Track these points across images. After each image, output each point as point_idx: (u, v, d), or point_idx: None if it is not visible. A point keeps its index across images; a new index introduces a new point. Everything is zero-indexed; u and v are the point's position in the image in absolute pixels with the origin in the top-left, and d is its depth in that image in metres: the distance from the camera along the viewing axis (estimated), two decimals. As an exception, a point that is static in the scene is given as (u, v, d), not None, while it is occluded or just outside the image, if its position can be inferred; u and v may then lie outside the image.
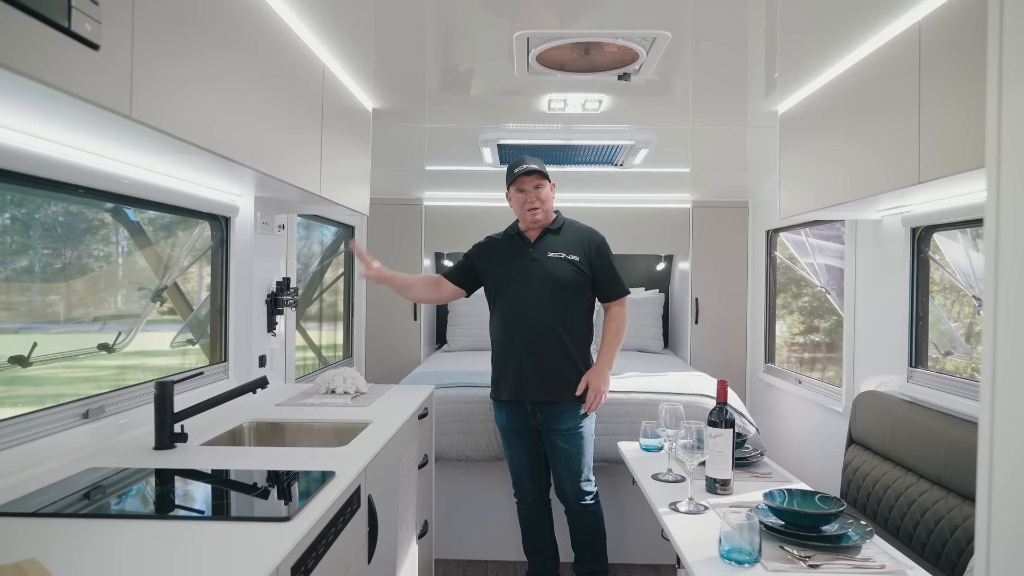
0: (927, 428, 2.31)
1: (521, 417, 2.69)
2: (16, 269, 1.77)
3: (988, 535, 0.66)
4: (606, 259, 2.69)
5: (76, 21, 1.00)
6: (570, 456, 2.66)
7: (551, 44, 2.15)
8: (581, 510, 2.71)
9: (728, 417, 1.94)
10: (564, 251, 2.65)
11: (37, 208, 1.78)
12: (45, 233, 1.86)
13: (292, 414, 2.25)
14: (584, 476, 2.69)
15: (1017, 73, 0.63)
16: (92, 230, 2.09)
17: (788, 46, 2.27)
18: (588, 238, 2.69)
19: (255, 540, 1.16)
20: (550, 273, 2.62)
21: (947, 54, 1.78)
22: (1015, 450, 0.62)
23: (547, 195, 2.66)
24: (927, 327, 2.63)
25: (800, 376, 3.72)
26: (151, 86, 1.25)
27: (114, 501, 1.37)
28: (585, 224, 2.77)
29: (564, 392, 2.62)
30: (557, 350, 2.60)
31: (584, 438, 2.67)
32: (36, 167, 1.48)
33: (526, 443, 2.74)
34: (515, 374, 2.64)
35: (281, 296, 2.76)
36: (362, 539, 1.66)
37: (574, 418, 2.64)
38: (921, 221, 2.53)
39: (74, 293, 2.04)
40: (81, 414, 1.71)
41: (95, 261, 2.12)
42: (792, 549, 1.56)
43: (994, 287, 0.67)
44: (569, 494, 2.70)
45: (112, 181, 1.74)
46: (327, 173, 2.45)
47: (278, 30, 1.97)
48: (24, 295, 1.80)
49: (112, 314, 2.19)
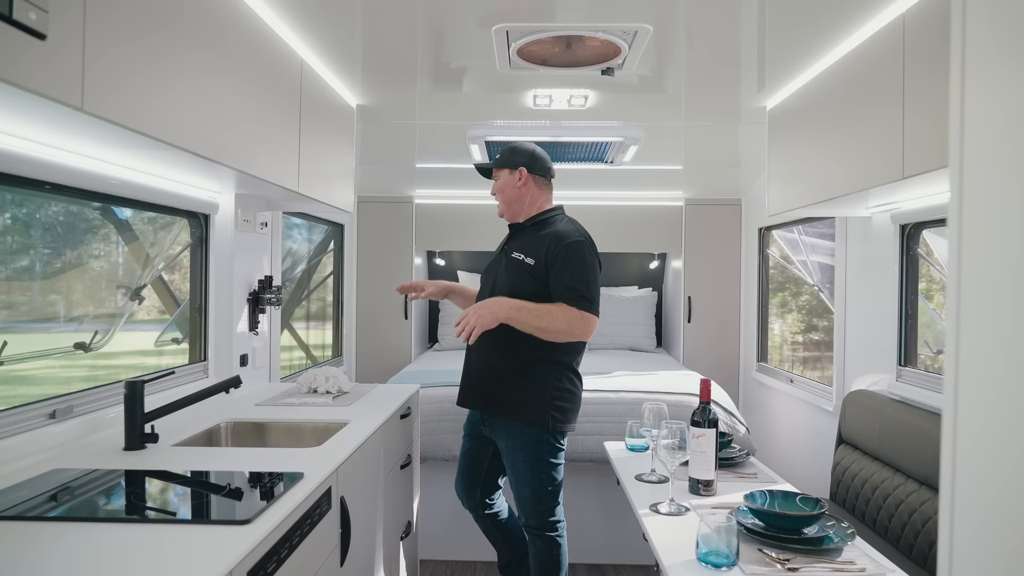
0: (915, 428, 2.28)
1: (475, 422, 2.52)
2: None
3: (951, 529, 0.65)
4: (566, 264, 2.21)
5: (18, 9, 0.97)
6: (513, 476, 2.36)
7: (532, 38, 2.12)
8: (529, 535, 2.41)
9: (712, 417, 1.91)
10: (524, 252, 2.30)
11: (11, 204, 1.75)
12: (20, 230, 1.83)
13: (270, 414, 2.22)
14: (528, 502, 2.34)
15: (980, 69, 0.62)
16: (72, 225, 2.06)
17: (775, 40, 2.24)
18: (555, 239, 2.26)
19: (211, 544, 1.13)
20: (503, 275, 2.34)
21: (930, 47, 1.75)
22: (978, 446, 0.62)
23: (503, 185, 2.37)
24: (916, 325, 2.59)
25: (792, 375, 3.69)
26: (106, 77, 1.22)
27: (72, 503, 1.34)
28: (572, 225, 2.36)
29: (504, 406, 2.30)
30: (500, 360, 2.29)
31: (527, 463, 2.30)
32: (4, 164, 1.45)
33: (472, 448, 2.55)
34: (463, 381, 2.48)
35: (263, 294, 2.73)
36: (334, 541, 1.63)
37: (512, 436, 2.31)
38: (910, 218, 2.50)
39: (51, 291, 2.01)
40: (48, 414, 1.68)
41: (76, 257, 2.08)
42: (771, 552, 1.53)
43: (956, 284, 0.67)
44: (519, 515, 2.43)
45: (80, 176, 1.71)
46: (306, 170, 2.42)
47: (249, 22, 1.94)
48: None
49: (89, 313, 2.16)
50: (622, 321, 4.70)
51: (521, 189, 2.38)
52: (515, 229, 2.43)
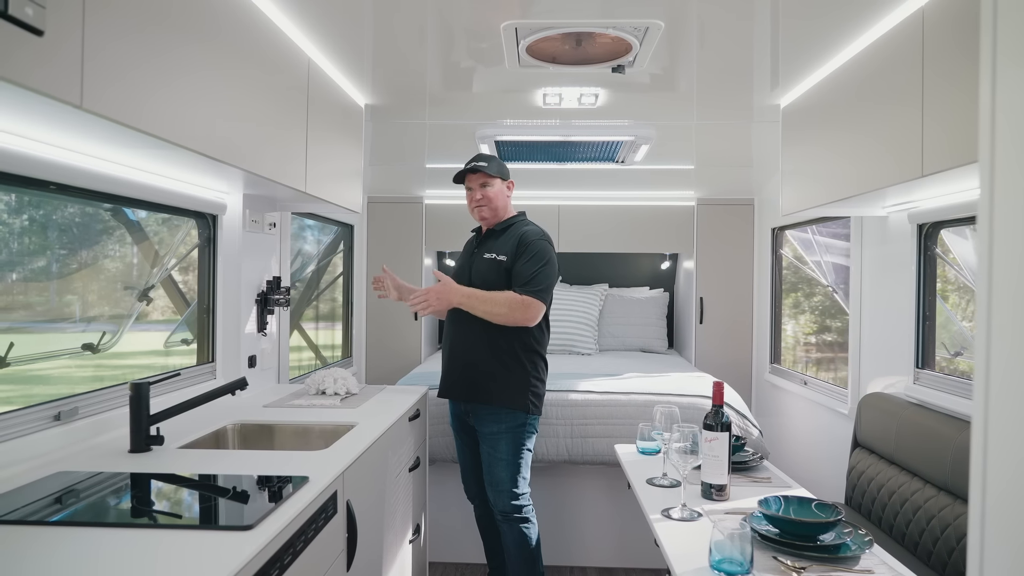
0: (933, 431, 2.22)
1: (459, 415, 2.67)
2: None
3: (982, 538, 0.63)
4: (526, 257, 2.46)
5: (15, 5, 0.95)
6: (492, 461, 2.54)
7: (541, 35, 2.08)
8: (504, 521, 2.57)
9: (724, 420, 1.87)
10: (496, 252, 2.54)
11: (26, 205, 1.74)
12: (37, 231, 1.82)
13: (278, 416, 2.20)
14: (505, 487, 2.53)
15: (1012, 60, 0.59)
16: (81, 225, 2.04)
17: (789, 36, 2.20)
18: (522, 237, 2.51)
19: (212, 550, 1.10)
20: (478, 273, 2.56)
21: (951, 42, 1.70)
22: (1011, 450, 0.60)
23: (495, 193, 2.58)
24: (934, 327, 2.54)
25: (806, 377, 3.64)
26: (106, 75, 1.20)
27: (75, 507, 1.32)
28: (536, 226, 2.59)
29: (488, 395, 2.51)
30: (482, 350, 2.50)
31: (509, 445, 2.52)
32: (6, 164, 1.43)
33: (468, 443, 2.68)
34: (445, 374, 2.63)
35: (272, 295, 2.72)
36: (340, 546, 1.60)
37: (498, 422, 2.52)
38: (928, 217, 2.44)
39: (59, 291, 2.00)
40: (52, 416, 1.67)
41: (86, 257, 2.07)
42: (786, 559, 1.49)
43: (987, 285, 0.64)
44: (493, 502, 2.58)
45: (84, 176, 1.69)
46: (314, 170, 2.40)
47: (255, 19, 1.92)
48: (5, 295, 1.76)
49: (103, 313, 2.15)
50: (633, 322, 4.65)
51: (507, 198, 2.65)
52: (488, 234, 2.65)
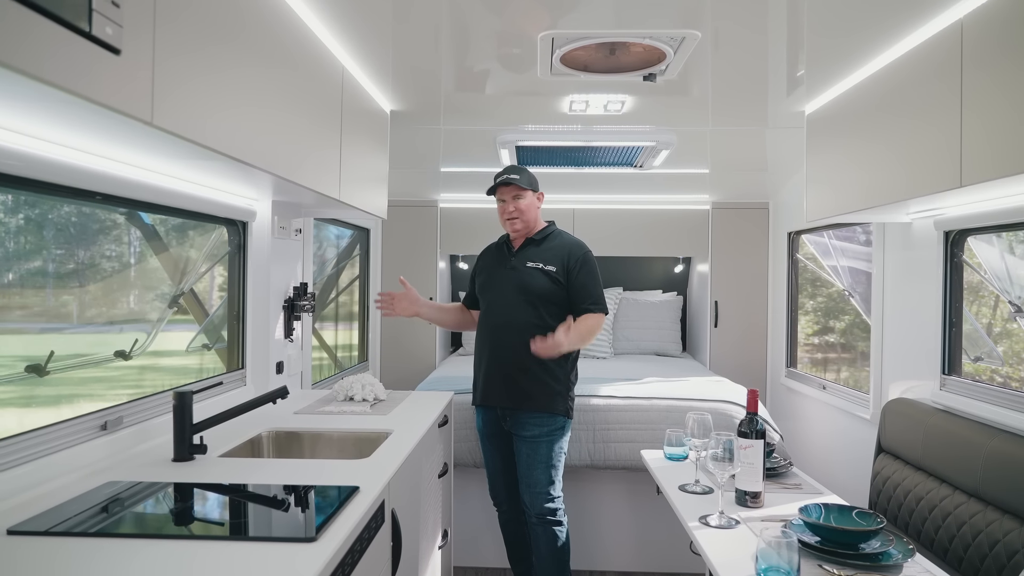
0: (963, 438, 2.24)
1: (493, 420, 2.69)
2: (30, 271, 1.74)
3: None
4: (585, 273, 2.61)
5: (97, 25, 0.96)
6: (531, 464, 2.59)
7: (577, 44, 2.09)
8: (539, 523, 2.62)
9: (759, 428, 1.89)
10: (542, 262, 2.62)
11: (50, 209, 1.74)
12: (59, 234, 1.82)
13: (311, 423, 2.21)
14: (543, 489, 2.59)
15: None
16: (105, 231, 2.05)
17: (818, 46, 2.21)
18: (571, 250, 2.64)
19: (278, 562, 1.11)
20: (523, 283, 2.61)
21: (993, 52, 1.71)
22: None
23: (527, 205, 2.65)
24: (960, 333, 2.55)
25: (824, 381, 3.65)
26: (172, 92, 1.21)
27: (130, 518, 1.33)
28: (574, 237, 2.74)
29: (530, 401, 2.58)
30: (526, 358, 2.53)
31: (549, 448, 2.59)
32: (51, 173, 1.44)
33: (500, 448, 2.71)
34: (484, 379, 2.67)
35: (299, 301, 2.73)
36: (386, 555, 1.61)
37: (539, 426, 2.58)
38: (955, 224, 2.46)
39: (89, 296, 2.00)
40: (99, 426, 1.68)
41: (107, 262, 2.08)
42: (831, 568, 1.50)
43: None
44: (528, 505, 2.62)
45: (128, 187, 1.70)
46: (346, 176, 2.41)
47: (298, 32, 1.93)
48: (39, 297, 1.77)
49: (127, 318, 2.16)
50: (647, 325, 4.67)
51: (538, 209, 2.74)
52: (526, 242, 2.71)
